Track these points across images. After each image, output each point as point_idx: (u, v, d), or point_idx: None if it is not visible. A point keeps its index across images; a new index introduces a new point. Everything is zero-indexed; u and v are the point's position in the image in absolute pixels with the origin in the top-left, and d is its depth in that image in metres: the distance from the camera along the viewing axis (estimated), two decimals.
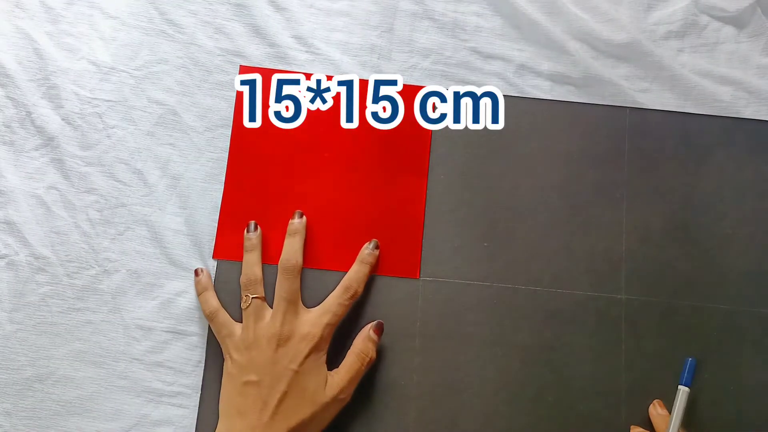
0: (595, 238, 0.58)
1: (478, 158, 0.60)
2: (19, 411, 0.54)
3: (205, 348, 0.55)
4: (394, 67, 0.62)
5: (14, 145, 0.59)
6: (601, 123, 0.61)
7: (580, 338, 0.56)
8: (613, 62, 0.63)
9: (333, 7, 0.63)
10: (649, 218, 0.59)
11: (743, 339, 0.57)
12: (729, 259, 0.58)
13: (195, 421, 0.54)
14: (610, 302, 0.57)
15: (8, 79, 0.60)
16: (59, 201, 0.58)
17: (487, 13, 0.64)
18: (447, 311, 0.57)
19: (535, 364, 0.56)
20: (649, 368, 0.56)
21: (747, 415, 0.55)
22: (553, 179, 0.60)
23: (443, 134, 0.60)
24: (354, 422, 0.54)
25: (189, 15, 0.62)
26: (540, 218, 0.59)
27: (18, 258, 0.57)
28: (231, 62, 0.61)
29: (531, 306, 0.57)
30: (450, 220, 0.58)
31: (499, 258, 0.58)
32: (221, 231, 0.57)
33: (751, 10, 0.64)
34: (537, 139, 0.60)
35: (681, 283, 0.58)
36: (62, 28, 0.61)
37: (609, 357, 0.56)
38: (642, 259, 0.58)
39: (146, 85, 0.61)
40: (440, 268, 0.57)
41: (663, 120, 0.61)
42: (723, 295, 0.57)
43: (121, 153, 0.59)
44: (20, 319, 0.56)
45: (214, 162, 0.59)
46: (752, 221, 0.59)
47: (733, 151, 0.61)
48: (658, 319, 0.57)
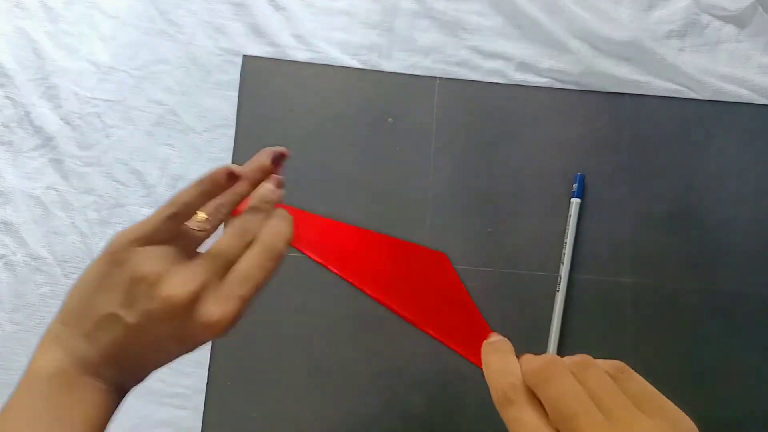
0: (598, 222, 0.59)
1: (481, 145, 0.60)
2: None
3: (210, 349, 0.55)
4: (394, 66, 0.62)
5: (13, 145, 0.59)
6: (602, 109, 0.61)
7: (585, 321, 0.57)
8: (614, 61, 0.63)
9: (333, 5, 0.63)
10: (652, 202, 0.59)
11: (746, 320, 0.57)
12: (731, 242, 0.59)
13: (195, 422, 0.54)
14: (615, 285, 0.57)
15: (7, 78, 0.59)
16: (57, 201, 0.58)
17: (488, 12, 0.64)
18: None
19: (538, 348, 0.56)
20: (654, 349, 0.56)
21: (748, 394, 0.56)
22: (555, 165, 0.60)
23: (446, 121, 0.60)
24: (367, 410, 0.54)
25: (189, 15, 0.62)
26: (543, 204, 0.59)
27: (15, 258, 0.56)
28: (231, 62, 0.61)
29: (535, 290, 0.57)
30: (453, 207, 0.59)
31: (502, 243, 0.58)
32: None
33: (752, 9, 0.64)
34: (539, 126, 0.61)
35: (684, 265, 0.58)
36: (62, 28, 0.61)
37: (614, 339, 0.56)
38: (646, 243, 0.58)
39: (146, 85, 0.60)
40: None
41: (663, 105, 0.62)
42: (726, 277, 0.58)
43: (120, 153, 0.59)
44: (20, 320, 0.55)
45: (213, 162, 0.59)
46: (754, 204, 0.60)
47: (734, 135, 0.61)
48: (663, 302, 0.57)
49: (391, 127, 0.61)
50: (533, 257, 0.58)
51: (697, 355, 0.56)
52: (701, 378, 0.56)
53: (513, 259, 0.58)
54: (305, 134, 0.60)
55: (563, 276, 0.57)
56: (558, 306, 0.56)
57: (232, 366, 0.55)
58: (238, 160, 0.59)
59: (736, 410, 0.55)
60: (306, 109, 0.61)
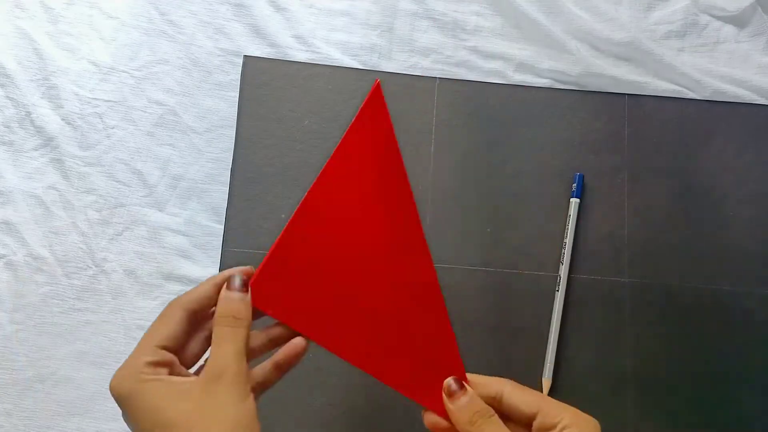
0: (597, 222, 0.59)
1: (481, 145, 0.60)
2: (19, 411, 0.54)
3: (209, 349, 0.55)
4: (394, 67, 0.62)
5: (14, 145, 0.59)
6: (602, 110, 0.62)
7: (584, 321, 0.57)
8: (613, 61, 0.63)
9: (333, 6, 0.63)
10: (651, 202, 0.60)
11: (746, 320, 0.57)
12: (730, 241, 0.59)
13: None
14: (614, 285, 0.58)
15: (8, 79, 0.60)
16: (58, 201, 0.58)
17: (488, 13, 0.64)
18: (450, 296, 0.56)
19: (538, 348, 0.56)
20: (654, 350, 0.56)
21: (748, 394, 0.56)
22: (554, 165, 0.60)
23: (446, 121, 0.61)
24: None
25: (189, 15, 0.62)
26: (542, 204, 0.59)
27: (16, 258, 0.56)
28: (231, 62, 0.61)
29: (534, 290, 0.57)
30: (453, 207, 0.59)
31: (502, 243, 0.58)
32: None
33: (751, 9, 0.64)
34: (539, 126, 0.61)
35: (683, 265, 0.58)
36: (62, 28, 0.61)
37: (614, 339, 0.56)
38: (644, 243, 0.59)
39: (146, 86, 0.61)
40: (443, 253, 0.58)
41: (662, 106, 0.62)
42: (725, 277, 0.58)
43: (121, 153, 0.59)
44: (21, 320, 0.55)
45: (213, 162, 0.59)
46: (753, 203, 0.60)
47: (733, 135, 0.61)
48: (662, 302, 0.57)
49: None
50: (533, 257, 0.58)
51: (697, 355, 0.56)
52: (701, 378, 0.56)
53: (512, 258, 0.58)
54: (305, 134, 0.60)
55: (563, 275, 0.57)
56: (557, 305, 0.56)
57: None
58: (238, 160, 0.59)
59: (736, 410, 0.56)
60: (306, 109, 0.61)
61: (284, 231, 0.38)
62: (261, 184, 0.59)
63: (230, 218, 0.58)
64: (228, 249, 0.57)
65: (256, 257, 0.58)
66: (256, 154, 0.60)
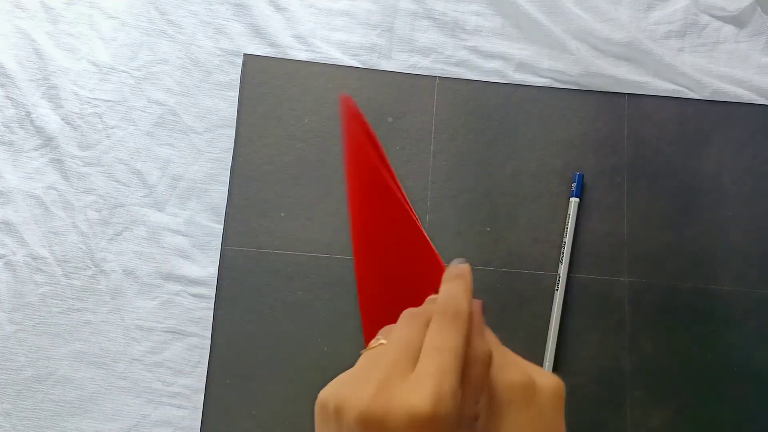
0: (596, 222, 0.59)
1: (480, 144, 0.60)
2: (19, 411, 0.54)
3: (209, 348, 0.55)
4: (394, 66, 0.62)
5: (13, 145, 0.59)
6: (602, 109, 0.62)
7: (583, 320, 0.57)
8: (613, 61, 0.63)
9: (333, 6, 0.63)
10: (650, 202, 0.60)
11: (744, 320, 0.57)
12: (729, 241, 0.59)
13: (194, 421, 0.54)
14: (614, 285, 0.58)
15: (8, 79, 0.60)
16: (58, 201, 0.58)
17: (488, 13, 0.64)
18: None
19: (538, 347, 0.56)
20: (652, 349, 0.56)
21: (749, 394, 0.56)
22: (554, 165, 0.60)
23: (446, 121, 0.61)
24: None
25: (189, 15, 0.62)
26: (541, 203, 0.59)
27: (15, 258, 0.56)
28: (231, 62, 0.61)
29: (534, 289, 0.57)
30: (452, 206, 0.59)
31: (501, 242, 0.58)
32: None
33: (751, 9, 0.64)
34: (538, 126, 0.61)
35: (682, 265, 0.58)
36: (62, 28, 0.61)
37: (613, 338, 0.57)
38: (644, 242, 0.59)
39: (146, 86, 0.61)
40: (443, 253, 0.57)
41: (662, 105, 0.62)
42: (724, 277, 0.58)
43: (121, 153, 0.59)
44: (20, 320, 0.55)
45: (213, 162, 0.59)
46: (752, 203, 0.60)
47: (733, 135, 0.61)
48: (661, 301, 0.57)
49: (391, 126, 0.61)
50: (532, 256, 0.58)
51: (696, 355, 0.56)
52: (700, 377, 0.56)
53: (512, 258, 0.58)
54: (305, 133, 0.60)
55: (562, 275, 0.57)
56: (557, 305, 0.56)
57: (231, 365, 0.55)
58: (238, 159, 0.59)
59: (735, 410, 0.56)
60: (306, 108, 0.61)
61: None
62: (261, 182, 0.59)
63: (230, 216, 0.58)
64: (227, 247, 0.57)
65: (256, 257, 0.58)
66: (256, 152, 0.60)
